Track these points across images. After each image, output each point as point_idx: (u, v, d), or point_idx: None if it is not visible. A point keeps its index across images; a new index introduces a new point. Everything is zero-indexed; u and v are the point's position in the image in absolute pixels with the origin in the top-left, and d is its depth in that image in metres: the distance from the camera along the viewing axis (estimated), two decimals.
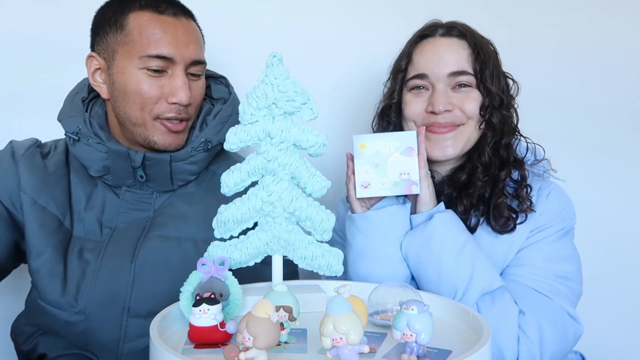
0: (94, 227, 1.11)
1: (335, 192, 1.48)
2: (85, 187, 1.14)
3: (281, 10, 1.49)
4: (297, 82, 0.83)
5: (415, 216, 1.07)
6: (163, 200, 1.15)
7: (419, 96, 1.11)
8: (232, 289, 0.82)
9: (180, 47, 1.07)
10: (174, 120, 1.10)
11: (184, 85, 1.08)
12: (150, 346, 0.73)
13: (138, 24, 1.06)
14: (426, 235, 1.03)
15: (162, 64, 1.06)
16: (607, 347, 1.51)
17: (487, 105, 1.09)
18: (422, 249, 1.03)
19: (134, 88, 1.07)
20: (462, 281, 0.99)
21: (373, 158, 1.04)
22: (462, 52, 1.09)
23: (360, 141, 1.05)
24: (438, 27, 1.13)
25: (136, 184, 1.13)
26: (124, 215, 1.13)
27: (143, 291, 1.07)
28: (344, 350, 0.64)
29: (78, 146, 1.11)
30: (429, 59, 1.10)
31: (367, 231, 1.06)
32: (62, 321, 1.07)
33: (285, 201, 0.85)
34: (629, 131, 1.55)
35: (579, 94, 1.54)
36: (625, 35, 1.53)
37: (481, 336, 0.73)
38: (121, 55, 1.07)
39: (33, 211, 1.09)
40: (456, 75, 1.08)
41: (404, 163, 1.04)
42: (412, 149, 1.03)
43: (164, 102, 1.08)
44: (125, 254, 1.08)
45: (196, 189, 1.17)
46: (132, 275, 1.07)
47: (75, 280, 1.07)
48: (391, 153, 1.04)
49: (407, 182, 1.03)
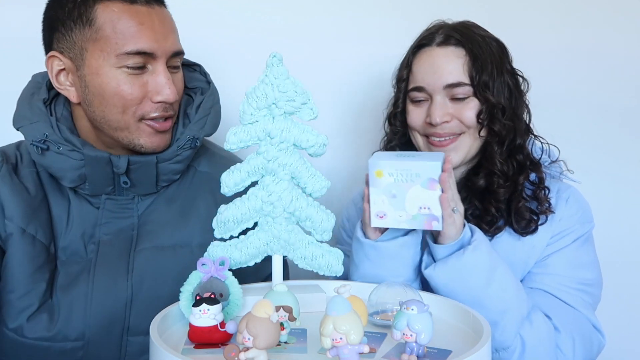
0: (78, 247, 1.01)
1: (336, 192, 1.49)
2: (61, 205, 1.03)
3: (282, 10, 1.49)
4: (297, 82, 0.83)
5: (441, 248, 0.97)
6: (147, 205, 1.06)
7: (419, 107, 1.12)
8: (232, 289, 0.82)
9: (159, 40, 0.96)
10: (159, 120, 1.00)
11: (168, 82, 0.98)
12: (150, 346, 0.72)
13: (109, 18, 0.94)
14: (459, 267, 0.95)
15: (142, 60, 0.96)
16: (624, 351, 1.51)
17: (485, 113, 1.07)
18: (454, 282, 0.96)
19: (112, 90, 0.96)
20: (500, 313, 0.95)
21: (390, 188, 0.93)
22: (457, 62, 1.07)
23: (377, 168, 0.94)
24: (436, 35, 1.11)
25: (116, 191, 1.04)
26: (107, 226, 1.03)
27: (142, 308, 0.99)
28: (344, 350, 0.64)
29: (47, 155, 0.98)
30: (426, 71, 1.09)
31: (375, 260, 1.01)
32: (57, 352, 0.97)
33: (285, 201, 0.85)
34: (625, 129, 1.55)
35: (577, 92, 1.54)
36: (622, 34, 1.53)
37: (481, 336, 0.73)
38: (92, 53, 0.95)
39: (22, 242, 0.97)
40: (452, 87, 1.07)
41: (424, 196, 0.93)
42: (435, 182, 0.92)
43: (148, 102, 0.98)
44: (119, 271, 1.00)
45: (180, 190, 1.09)
46: (130, 292, 0.99)
47: (65, 309, 0.97)
48: (411, 184, 0.93)
49: (428, 216, 0.94)
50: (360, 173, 1.49)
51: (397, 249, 1.00)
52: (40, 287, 0.98)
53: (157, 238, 1.04)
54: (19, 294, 0.97)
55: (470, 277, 0.95)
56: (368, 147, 1.50)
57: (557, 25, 1.53)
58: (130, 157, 1.01)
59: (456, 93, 1.07)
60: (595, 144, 1.54)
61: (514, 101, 1.10)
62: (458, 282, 0.95)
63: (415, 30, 1.17)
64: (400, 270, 1.00)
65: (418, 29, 1.17)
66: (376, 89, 1.51)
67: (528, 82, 1.14)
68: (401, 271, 1.00)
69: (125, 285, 1.00)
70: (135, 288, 1.00)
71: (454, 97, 1.08)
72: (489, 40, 1.11)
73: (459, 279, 0.95)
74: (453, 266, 0.95)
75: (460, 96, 1.07)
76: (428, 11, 1.40)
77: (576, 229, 1.07)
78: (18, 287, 0.97)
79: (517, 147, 1.10)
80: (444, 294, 0.94)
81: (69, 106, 1.05)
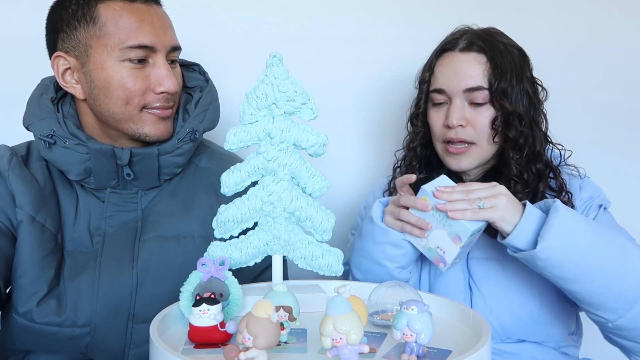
0: (84, 239, 1.06)
1: (335, 192, 1.49)
2: (70, 197, 1.08)
3: (284, 11, 1.49)
4: (297, 82, 0.83)
5: (522, 226, 0.95)
6: (150, 199, 1.10)
7: (439, 110, 1.14)
8: (232, 289, 0.82)
9: (159, 35, 1.03)
10: (161, 108, 1.06)
11: (169, 73, 1.04)
12: (150, 346, 0.73)
13: (112, 15, 1.01)
14: (562, 222, 0.93)
15: (144, 53, 1.02)
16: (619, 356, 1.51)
17: (500, 120, 1.09)
18: (569, 240, 0.93)
19: (117, 82, 1.02)
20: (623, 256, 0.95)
21: (425, 215, 0.99)
22: (479, 68, 1.09)
23: (425, 195, 0.99)
24: (459, 41, 1.13)
25: (120, 184, 1.08)
26: (111, 218, 1.08)
27: (147, 296, 1.03)
28: (344, 350, 0.64)
29: (54, 150, 1.04)
30: (447, 74, 1.12)
31: (380, 242, 1.04)
32: (64, 338, 1.01)
33: (285, 201, 0.85)
34: (629, 129, 1.55)
35: (575, 92, 1.54)
36: (621, 34, 1.53)
37: (481, 336, 0.73)
38: (97, 49, 1.01)
39: (32, 230, 1.02)
40: (472, 91, 1.09)
41: (445, 242, 0.98)
42: (459, 239, 0.97)
43: (151, 93, 1.04)
44: (124, 260, 1.04)
45: (182, 184, 1.13)
46: (135, 281, 1.03)
47: (72, 296, 1.01)
48: (440, 227, 0.98)
49: (440, 256, 1.00)
50: (373, 173, 1.50)
51: (403, 242, 1.03)
52: (49, 273, 1.02)
53: (160, 228, 1.08)
54: (29, 279, 1.01)
55: (579, 228, 0.93)
56: (377, 148, 1.50)
57: (557, 26, 1.53)
58: (133, 149, 1.05)
59: (475, 97, 1.10)
60: (599, 144, 1.54)
61: (532, 109, 1.12)
62: (571, 238, 0.92)
63: (417, 32, 1.17)
64: (397, 258, 1.04)
65: (425, 32, 1.18)
66: (377, 89, 1.51)
67: (547, 91, 1.16)
68: (398, 259, 1.04)
69: (131, 273, 1.03)
70: (140, 276, 1.04)
71: (472, 101, 1.10)
72: (511, 48, 1.13)
73: (570, 235, 0.92)
74: (557, 226, 0.92)
75: (479, 101, 1.10)
76: (428, 12, 1.41)
77: (597, 201, 1.10)
78: (28, 272, 1.01)
79: (536, 154, 1.11)
80: (562, 262, 0.92)
81: (74, 104, 1.10)
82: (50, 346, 1.03)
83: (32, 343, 1.04)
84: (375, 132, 1.54)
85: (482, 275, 1.09)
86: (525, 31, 1.50)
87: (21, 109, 1.09)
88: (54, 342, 1.02)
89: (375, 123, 1.54)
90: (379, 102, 1.53)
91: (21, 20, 1.39)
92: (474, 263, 1.10)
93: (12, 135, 1.18)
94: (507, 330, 1.07)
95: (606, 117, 1.55)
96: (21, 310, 1.01)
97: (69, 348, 1.03)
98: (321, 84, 1.39)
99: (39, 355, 1.06)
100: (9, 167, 1.06)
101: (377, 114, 1.54)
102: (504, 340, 1.08)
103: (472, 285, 1.09)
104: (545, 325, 1.07)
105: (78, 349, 1.03)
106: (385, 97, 1.52)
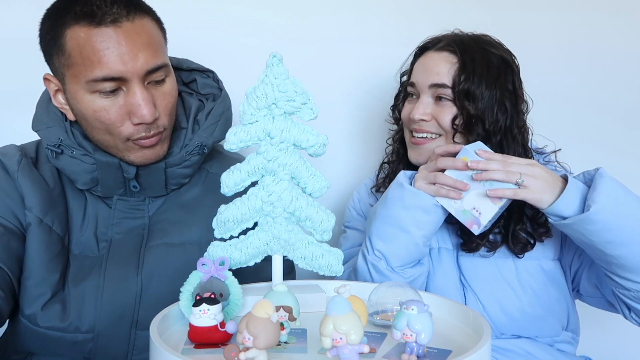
0: (91, 243, 1.05)
1: (336, 193, 1.49)
2: (79, 201, 1.07)
3: (284, 11, 1.49)
4: (297, 82, 0.83)
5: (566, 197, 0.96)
6: (158, 206, 1.09)
7: (410, 102, 1.19)
8: (232, 289, 0.82)
9: (127, 62, 0.93)
10: (144, 138, 1.00)
11: (143, 102, 0.95)
12: (151, 346, 0.73)
13: (76, 43, 0.93)
14: (611, 188, 0.96)
15: (113, 84, 0.94)
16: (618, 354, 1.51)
17: (461, 120, 1.10)
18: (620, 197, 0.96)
19: (91, 115, 0.97)
20: None
21: (463, 176, 1.00)
22: (447, 66, 1.12)
23: (465, 155, 1.00)
24: (440, 41, 1.16)
25: (127, 193, 1.07)
26: (118, 225, 1.07)
27: (151, 303, 1.02)
28: (344, 350, 0.64)
29: (62, 159, 1.02)
30: (419, 69, 1.17)
31: (409, 206, 1.04)
32: (68, 342, 1.01)
33: (285, 201, 0.85)
34: (627, 129, 1.55)
35: (575, 91, 1.54)
36: (620, 33, 1.53)
37: (481, 336, 0.73)
38: (69, 79, 0.96)
39: (40, 232, 1.01)
40: (436, 88, 1.12)
41: (483, 202, 0.99)
42: (500, 199, 0.98)
43: (128, 124, 0.98)
44: (129, 266, 1.03)
45: (191, 191, 1.12)
46: (140, 287, 1.02)
47: (77, 301, 1.01)
48: (480, 186, 0.99)
49: (475, 218, 1.00)
50: (363, 173, 1.50)
51: (434, 207, 1.04)
52: (54, 277, 1.01)
53: (167, 235, 1.07)
54: (34, 281, 1.00)
55: (626, 193, 0.96)
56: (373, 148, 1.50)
57: (557, 25, 1.53)
58: None
59: (439, 93, 1.12)
60: (597, 143, 1.54)
61: (507, 119, 1.10)
62: (620, 202, 0.95)
63: (414, 30, 1.18)
64: (424, 224, 1.04)
65: (423, 31, 1.19)
66: (378, 89, 1.51)
67: (527, 104, 1.16)
68: (425, 226, 1.04)
69: (135, 280, 1.03)
70: (145, 283, 1.03)
71: (437, 97, 1.13)
72: (492, 56, 1.12)
73: (619, 198, 0.95)
74: (606, 189, 0.94)
75: (443, 97, 1.12)
76: (427, 11, 1.41)
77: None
78: (34, 274, 1.00)
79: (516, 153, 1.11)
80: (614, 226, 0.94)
81: None
82: (53, 350, 1.03)
83: (36, 346, 1.03)
84: (367, 131, 1.54)
85: (473, 271, 1.10)
86: (526, 31, 1.50)
87: (24, 109, 1.09)
88: (57, 347, 1.02)
89: (373, 122, 1.54)
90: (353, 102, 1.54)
91: (22, 20, 1.39)
92: (464, 259, 1.11)
93: (14, 135, 1.18)
94: (500, 326, 1.08)
95: (606, 116, 1.55)
96: (27, 312, 1.01)
97: (72, 353, 1.02)
98: (320, 84, 1.39)
99: (42, 358, 1.05)
100: (19, 168, 1.04)
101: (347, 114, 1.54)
102: (498, 337, 1.09)
103: (464, 281, 1.10)
104: (537, 320, 1.08)
105: (81, 354, 1.03)
106: (381, 97, 1.52)
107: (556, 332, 1.11)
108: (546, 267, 1.11)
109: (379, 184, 1.25)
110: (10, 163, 1.04)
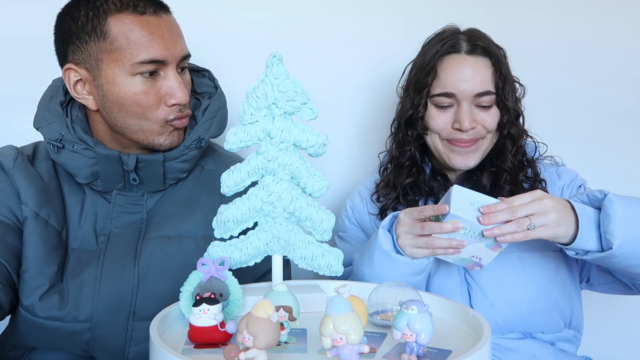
0: (89, 237, 1.08)
1: (336, 193, 1.49)
2: (76, 196, 1.10)
3: (283, 10, 1.49)
4: (297, 82, 0.83)
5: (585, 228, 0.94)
6: (155, 201, 1.12)
7: (444, 112, 1.15)
8: (232, 289, 0.82)
9: (169, 47, 1.03)
10: (178, 119, 1.07)
11: (180, 85, 1.04)
12: (150, 346, 0.73)
13: (122, 29, 1.00)
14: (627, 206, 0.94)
15: (154, 67, 1.02)
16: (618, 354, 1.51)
17: (506, 122, 1.14)
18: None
19: (130, 98, 1.02)
20: None
21: (456, 235, 0.94)
22: (487, 72, 1.13)
23: (453, 219, 0.92)
24: (461, 41, 1.15)
25: (126, 187, 1.10)
26: (117, 219, 1.10)
27: (148, 294, 1.04)
28: (344, 350, 0.64)
29: (63, 154, 1.06)
30: (457, 78, 1.12)
31: (404, 274, 1.01)
32: (66, 333, 1.03)
33: (285, 201, 0.85)
34: (628, 130, 1.55)
35: (576, 92, 1.54)
36: (622, 33, 1.53)
37: (481, 336, 0.73)
38: (108, 64, 1.02)
39: (36, 225, 1.04)
40: (481, 96, 1.12)
41: (482, 252, 0.96)
42: (500, 246, 0.94)
43: (163, 106, 1.05)
44: (126, 258, 1.06)
45: (188, 186, 1.14)
46: (137, 278, 1.05)
47: (74, 292, 1.03)
48: (477, 242, 0.94)
49: (475, 262, 0.98)
50: (364, 173, 1.50)
51: (427, 266, 1.02)
52: (52, 269, 1.04)
53: (163, 228, 1.09)
54: (32, 273, 1.03)
55: (637, 212, 0.95)
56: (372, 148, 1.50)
57: (557, 25, 1.53)
58: (139, 155, 1.07)
59: (482, 101, 1.13)
60: (598, 144, 1.54)
61: (519, 106, 1.18)
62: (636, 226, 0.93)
63: (412, 30, 1.18)
64: (417, 279, 1.02)
65: (423, 31, 1.19)
66: (377, 88, 1.51)
67: (524, 89, 1.21)
68: (418, 278, 1.03)
69: (133, 271, 1.05)
70: (142, 274, 1.05)
71: (479, 104, 1.13)
72: (498, 49, 1.17)
73: (635, 223, 0.93)
74: (622, 220, 0.92)
75: (485, 104, 1.13)
76: (426, 11, 1.41)
77: (577, 182, 1.17)
78: (32, 266, 1.03)
79: (519, 147, 1.17)
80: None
81: (84, 109, 1.11)
82: (52, 342, 1.04)
83: (35, 338, 1.05)
84: (368, 131, 1.54)
85: None
86: (526, 31, 1.50)
87: (24, 109, 1.10)
88: (55, 338, 1.03)
89: (373, 122, 1.54)
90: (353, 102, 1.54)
91: (22, 20, 1.39)
92: None
93: (14, 135, 1.18)
94: (509, 322, 1.08)
95: (607, 117, 1.55)
96: (25, 303, 1.03)
97: (70, 344, 1.04)
98: (320, 84, 1.38)
99: (41, 352, 1.07)
100: (14, 165, 1.07)
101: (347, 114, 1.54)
102: (506, 335, 1.08)
103: (469, 279, 1.09)
104: (543, 314, 1.08)
105: (79, 345, 1.04)
106: (379, 97, 1.52)
107: (559, 328, 1.11)
108: (549, 258, 1.10)
109: (379, 191, 1.23)
110: (6, 161, 1.08)
